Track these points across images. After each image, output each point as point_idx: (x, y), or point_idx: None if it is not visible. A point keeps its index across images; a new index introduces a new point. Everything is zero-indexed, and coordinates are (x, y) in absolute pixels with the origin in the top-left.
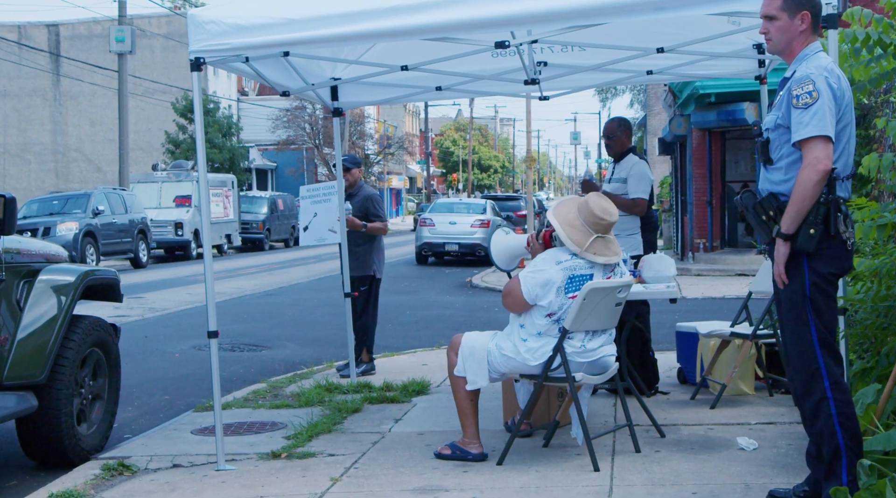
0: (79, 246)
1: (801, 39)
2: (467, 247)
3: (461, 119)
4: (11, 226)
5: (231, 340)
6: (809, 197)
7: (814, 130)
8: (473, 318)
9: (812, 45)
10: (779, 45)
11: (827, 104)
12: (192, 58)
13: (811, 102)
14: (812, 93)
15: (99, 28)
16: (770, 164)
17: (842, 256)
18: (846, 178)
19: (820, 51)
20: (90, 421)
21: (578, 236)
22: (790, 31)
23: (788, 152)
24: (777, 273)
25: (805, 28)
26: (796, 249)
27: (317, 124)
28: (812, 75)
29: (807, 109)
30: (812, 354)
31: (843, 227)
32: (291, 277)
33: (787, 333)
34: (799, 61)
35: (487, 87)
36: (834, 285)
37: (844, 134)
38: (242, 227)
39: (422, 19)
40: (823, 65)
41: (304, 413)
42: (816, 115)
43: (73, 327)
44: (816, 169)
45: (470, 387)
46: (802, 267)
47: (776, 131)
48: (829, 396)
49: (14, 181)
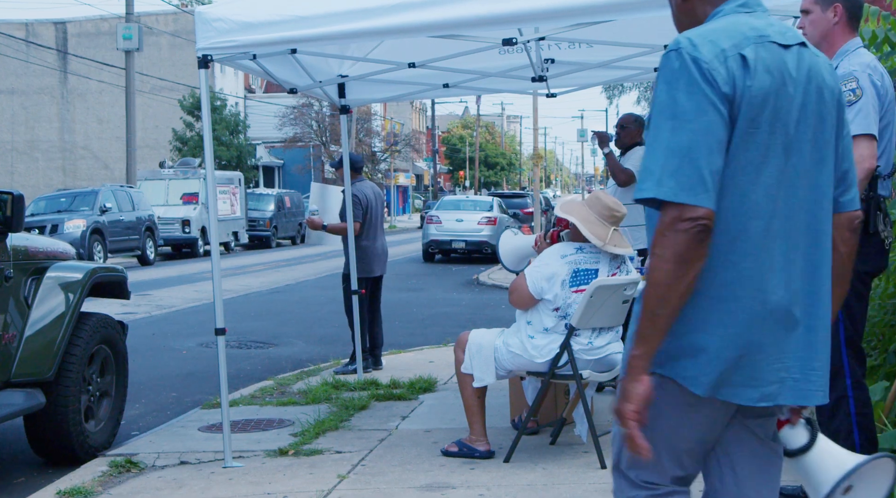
0: (86, 243)
1: (839, 33)
2: (474, 244)
3: (468, 116)
4: (19, 223)
5: (238, 337)
6: None
7: (858, 128)
8: (480, 315)
9: (853, 40)
10: (812, 39)
11: (871, 102)
12: (199, 55)
13: (855, 100)
14: (856, 90)
15: (106, 26)
16: None
17: (878, 255)
18: (887, 176)
19: (861, 47)
20: (98, 418)
21: (599, 230)
22: (822, 24)
23: None
24: None
25: (838, 21)
26: None
27: (324, 121)
28: (856, 72)
29: (850, 107)
30: (837, 352)
31: (882, 225)
32: (298, 274)
33: None
34: (840, 56)
35: (495, 85)
36: (867, 285)
37: (887, 132)
38: (249, 225)
39: (429, 16)
40: (867, 61)
41: (312, 410)
42: (860, 112)
43: (80, 324)
44: (862, 167)
45: (477, 384)
46: None
47: None
48: (849, 395)
49: (22, 178)
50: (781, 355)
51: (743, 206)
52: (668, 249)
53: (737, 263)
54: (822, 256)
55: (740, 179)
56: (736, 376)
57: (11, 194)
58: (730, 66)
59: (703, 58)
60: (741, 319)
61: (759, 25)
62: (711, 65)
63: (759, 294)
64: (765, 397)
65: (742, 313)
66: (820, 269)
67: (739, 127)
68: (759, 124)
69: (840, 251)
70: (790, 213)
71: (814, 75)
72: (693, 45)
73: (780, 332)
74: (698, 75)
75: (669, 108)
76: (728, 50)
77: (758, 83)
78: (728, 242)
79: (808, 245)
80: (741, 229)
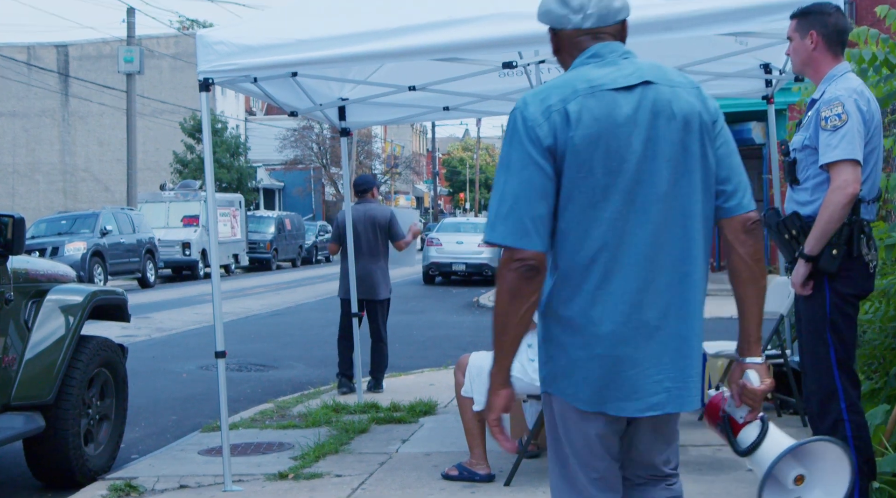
0: (87, 266)
1: (820, 59)
2: (474, 266)
3: (468, 139)
4: (20, 246)
5: (238, 359)
6: (836, 220)
7: (842, 154)
8: (481, 337)
9: (840, 65)
10: (795, 66)
11: (856, 127)
12: (200, 78)
13: (840, 125)
14: (841, 115)
15: (108, 48)
16: (797, 184)
17: (863, 278)
18: (872, 200)
19: (849, 72)
20: (97, 441)
21: None
22: (802, 52)
23: (815, 173)
24: (796, 291)
25: (816, 47)
26: (818, 268)
27: (324, 144)
28: (842, 97)
29: (835, 132)
30: (830, 375)
31: (865, 248)
32: (298, 296)
33: (805, 352)
34: (827, 82)
35: (495, 107)
36: (855, 307)
37: (872, 157)
38: (250, 247)
39: (430, 39)
40: (853, 86)
41: (312, 433)
42: (845, 138)
43: (80, 348)
44: (845, 192)
45: (477, 407)
46: (824, 287)
47: (803, 152)
48: (845, 418)
49: (23, 201)
50: (659, 367)
51: (587, 239)
52: (504, 284)
53: (591, 291)
54: (691, 267)
55: (581, 217)
56: (618, 392)
57: (12, 217)
58: (553, 121)
59: (529, 116)
60: (605, 340)
61: (596, 76)
62: (536, 121)
63: (617, 316)
64: (651, 407)
65: (604, 335)
66: (689, 280)
67: (569, 173)
68: (592, 167)
69: (739, 252)
70: (643, 239)
71: (660, 108)
72: (525, 103)
73: (651, 346)
74: (523, 132)
75: (503, 161)
76: (554, 105)
77: (581, 133)
78: (580, 273)
79: (674, 261)
80: (591, 260)
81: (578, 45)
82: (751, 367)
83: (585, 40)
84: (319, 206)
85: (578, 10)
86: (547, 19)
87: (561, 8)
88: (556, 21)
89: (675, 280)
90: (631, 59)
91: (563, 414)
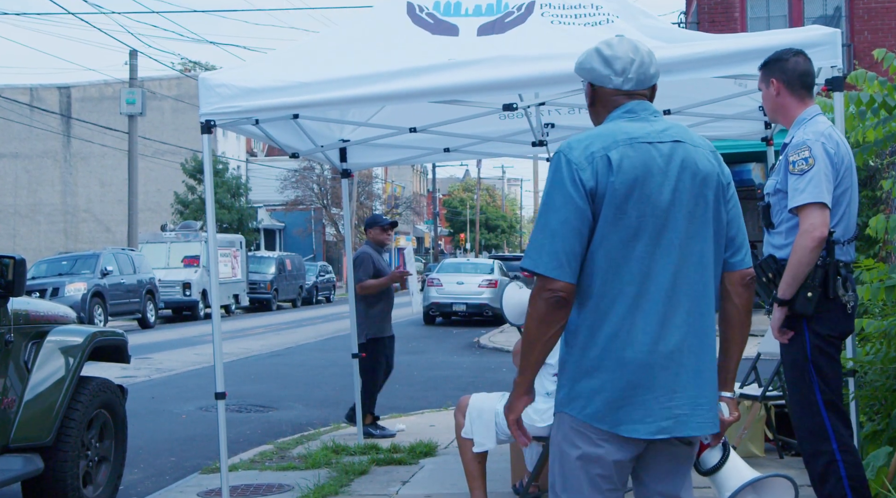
0: (87, 306)
1: (787, 104)
2: (475, 307)
3: (469, 179)
4: (20, 287)
5: (238, 400)
6: (805, 263)
7: (809, 197)
8: (481, 378)
9: (809, 109)
10: (769, 114)
11: (823, 170)
12: (202, 120)
13: (807, 169)
14: (808, 159)
15: (110, 90)
16: (771, 228)
17: (841, 319)
18: (847, 241)
19: (818, 114)
20: (96, 483)
21: None
22: (768, 100)
23: (788, 217)
24: (774, 336)
25: (778, 93)
26: (794, 312)
27: (325, 184)
28: (808, 141)
29: (802, 176)
30: (818, 417)
31: (842, 290)
32: (299, 337)
33: (792, 395)
34: (797, 126)
35: (495, 149)
36: (836, 347)
37: (844, 198)
38: (250, 288)
39: (430, 82)
40: (821, 130)
41: (311, 475)
42: (812, 181)
43: (80, 389)
44: (812, 236)
45: (477, 449)
46: (802, 330)
47: (776, 196)
48: (837, 459)
49: (24, 241)
50: (672, 395)
51: (617, 274)
52: (535, 311)
53: (616, 321)
54: (705, 307)
55: (614, 254)
56: (633, 414)
57: (13, 259)
58: (595, 166)
59: (574, 159)
60: (628, 366)
61: (632, 129)
62: (580, 165)
63: (640, 345)
64: (661, 431)
65: (627, 360)
66: (704, 319)
67: (606, 213)
68: (627, 210)
69: (735, 303)
70: (666, 277)
71: (687, 164)
72: (570, 148)
73: (666, 375)
74: (566, 174)
75: (546, 198)
76: (597, 152)
77: (621, 178)
78: (608, 304)
79: (691, 300)
80: (618, 293)
81: (614, 102)
82: (723, 400)
83: (621, 98)
84: (320, 246)
85: (621, 73)
86: (589, 76)
87: (605, 69)
88: (598, 80)
89: (691, 317)
90: (659, 117)
91: (578, 433)
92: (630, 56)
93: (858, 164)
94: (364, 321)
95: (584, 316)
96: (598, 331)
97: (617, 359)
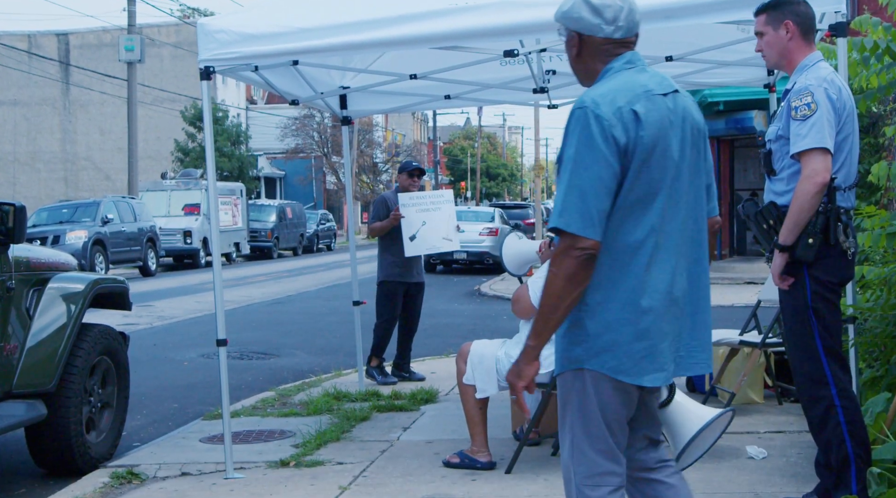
0: (88, 254)
1: (794, 49)
2: (476, 255)
3: (469, 127)
4: (21, 234)
5: (239, 348)
6: (807, 209)
7: (811, 142)
8: (482, 326)
9: (812, 55)
10: (772, 59)
11: (825, 116)
12: (201, 67)
13: (809, 114)
14: (810, 104)
15: (108, 37)
16: (773, 174)
17: (842, 266)
18: (848, 187)
19: (820, 61)
20: (99, 429)
21: None
22: (777, 44)
23: (790, 164)
24: (774, 282)
25: (792, 37)
26: (795, 258)
27: (325, 133)
28: (811, 86)
29: (805, 121)
30: (818, 362)
31: (842, 236)
32: (300, 285)
33: (791, 341)
34: (799, 72)
35: (496, 96)
36: (836, 293)
37: (846, 144)
38: (251, 236)
39: (431, 28)
40: (823, 76)
41: (313, 421)
42: (814, 127)
43: (82, 336)
44: (814, 181)
45: (479, 395)
46: (803, 276)
47: (777, 142)
48: (836, 404)
49: (24, 189)
50: (678, 339)
51: (639, 226)
52: (562, 269)
53: (637, 273)
54: (702, 254)
55: (637, 206)
56: (653, 363)
57: (13, 206)
58: (625, 121)
59: (604, 115)
60: (648, 315)
61: (644, 81)
62: (610, 121)
63: (657, 294)
64: (669, 377)
65: (647, 310)
66: (700, 264)
67: (633, 167)
68: (650, 164)
69: None
70: (675, 226)
71: (687, 115)
72: (596, 103)
73: (676, 321)
74: (597, 131)
75: (574, 156)
76: (623, 107)
77: (648, 132)
78: (629, 256)
79: (689, 248)
80: (639, 245)
81: (606, 51)
82: None
83: (612, 48)
84: (321, 194)
85: (611, 21)
86: (576, 26)
87: (594, 17)
88: (587, 29)
89: (691, 264)
90: (651, 67)
91: (598, 388)
92: (619, 3)
93: (861, 110)
94: (380, 263)
95: (602, 271)
96: (619, 284)
97: (637, 310)
